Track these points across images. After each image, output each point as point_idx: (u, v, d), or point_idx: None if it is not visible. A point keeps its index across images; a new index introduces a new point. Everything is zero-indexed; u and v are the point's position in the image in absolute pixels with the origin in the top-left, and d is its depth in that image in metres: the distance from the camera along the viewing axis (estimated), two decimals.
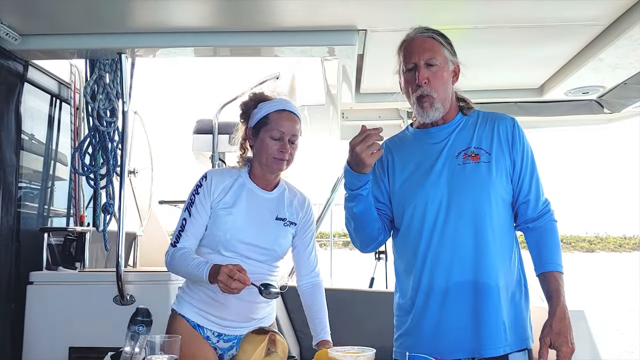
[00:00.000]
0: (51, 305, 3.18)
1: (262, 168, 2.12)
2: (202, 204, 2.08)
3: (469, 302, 1.78)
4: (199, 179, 2.12)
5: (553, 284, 1.78)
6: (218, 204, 2.07)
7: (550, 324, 1.72)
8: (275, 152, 2.06)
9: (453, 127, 1.91)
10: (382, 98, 3.79)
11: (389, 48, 2.01)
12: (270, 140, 2.06)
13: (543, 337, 1.72)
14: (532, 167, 1.88)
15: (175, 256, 2.03)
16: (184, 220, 2.09)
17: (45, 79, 3.78)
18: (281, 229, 2.13)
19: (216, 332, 2.10)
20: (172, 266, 2.06)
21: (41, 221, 3.81)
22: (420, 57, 1.84)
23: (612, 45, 2.82)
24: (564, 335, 1.70)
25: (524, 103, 3.92)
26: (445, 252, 1.80)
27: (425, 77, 1.83)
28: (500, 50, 3.16)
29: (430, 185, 1.84)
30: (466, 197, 1.81)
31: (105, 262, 4.03)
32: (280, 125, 2.07)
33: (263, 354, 1.41)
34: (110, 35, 2.96)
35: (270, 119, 2.09)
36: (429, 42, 1.86)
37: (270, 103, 2.13)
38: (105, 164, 3.34)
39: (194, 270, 1.94)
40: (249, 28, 2.86)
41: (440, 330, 1.79)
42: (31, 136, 3.71)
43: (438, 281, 1.80)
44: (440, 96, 1.85)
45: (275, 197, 2.17)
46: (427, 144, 1.92)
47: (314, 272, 2.22)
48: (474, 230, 1.80)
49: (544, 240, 1.86)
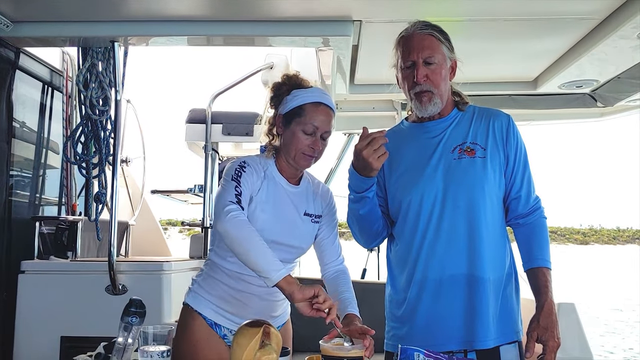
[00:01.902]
0: (43, 295, 3.17)
1: (288, 161, 1.97)
2: (247, 188, 1.87)
3: (462, 295, 1.80)
4: (237, 166, 1.90)
5: (541, 279, 1.81)
6: (254, 198, 1.90)
7: (538, 318, 1.76)
8: (305, 148, 1.91)
9: (449, 122, 1.92)
10: (377, 89, 3.79)
11: (384, 39, 2.00)
12: (302, 134, 1.91)
13: (530, 332, 1.76)
14: (524, 164, 1.90)
15: (245, 224, 1.77)
16: (237, 188, 1.83)
17: (37, 66, 3.74)
18: (309, 225, 2.00)
19: (233, 330, 1.93)
20: (235, 228, 1.75)
21: (33, 210, 3.79)
22: (419, 54, 1.83)
23: (607, 39, 2.82)
24: (551, 330, 1.74)
25: (518, 96, 3.93)
26: (440, 246, 1.82)
27: (423, 75, 1.83)
28: (494, 43, 3.16)
29: (426, 179, 1.85)
30: (461, 191, 1.82)
31: (97, 251, 4.02)
32: (315, 120, 1.90)
33: (257, 346, 1.41)
34: (103, 23, 2.93)
35: (305, 110, 1.92)
36: (428, 40, 1.85)
37: (306, 92, 1.95)
38: (97, 153, 3.32)
39: (264, 260, 1.70)
40: (243, 17, 2.84)
41: (433, 322, 1.81)
42: (22, 124, 3.68)
43: (432, 274, 1.82)
44: (439, 91, 1.86)
45: (302, 191, 2.04)
46: (423, 138, 1.92)
47: (339, 258, 2.06)
48: (468, 224, 1.81)
49: (534, 236, 1.88)
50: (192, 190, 4.26)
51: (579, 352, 3.09)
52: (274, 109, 2.03)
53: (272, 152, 2.03)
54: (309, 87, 1.99)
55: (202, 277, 2.04)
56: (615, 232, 76.48)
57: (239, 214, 1.77)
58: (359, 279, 4.70)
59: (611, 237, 74.93)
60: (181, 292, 2.11)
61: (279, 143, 2.01)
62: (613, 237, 75.13)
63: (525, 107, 3.98)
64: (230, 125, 4.02)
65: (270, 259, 1.71)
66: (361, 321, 1.81)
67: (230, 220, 1.75)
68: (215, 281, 1.98)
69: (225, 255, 1.96)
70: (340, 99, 4.05)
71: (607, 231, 76.02)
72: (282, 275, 1.67)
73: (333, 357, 1.58)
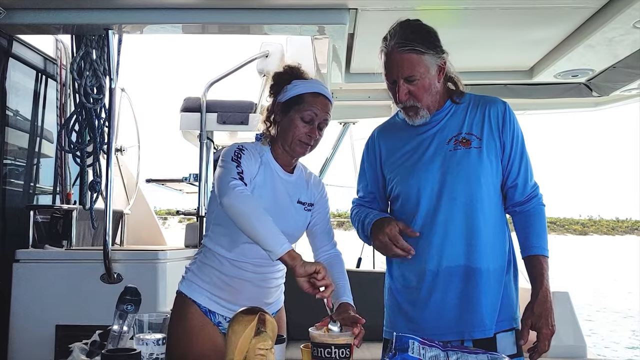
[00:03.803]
0: (38, 283, 3.16)
1: (284, 148, 1.99)
2: (248, 170, 1.88)
3: (459, 285, 1.81)
4: (236, 149, 1.91)
5: (537, 267, 1.81)
6: (251, 181, 1.90)
7: (532, 306, 1.77)
8: (302, 135, 1.94)
9: (444, 114, 1.91)
10: (372, 78, 3.74)
11: (380, 27, 1.99)
12: (299, 122, 1.94)
13: (525, 319, 1.77)
14: (521, 151, 1.89)
15: (250, 198, 1.78)
16: (238, 167, 1.84)
17: (30, 54, 3.72)
18: (301, 213, 2.04)
19: (227, 317, 1.97)
20: (240, 201, 1.75)
21: (27, 199, 3.78)
22: (399, 74, 1.82)
23: (602, 28, 2.82)
24: (545, 318, 1.75)
25: (513, 85, 3.93)
26: (437, 237, 1.82)
27: (405, 92, 1.83)
28: (490, 32, 3.15)
29: (422, 171, 1.85)
30: (457, 183, 1.82)
31: (92, 240, 4.02)
32: (314, 108, 1.94)
33: (252, 333, 1.41)
34: (97, 11, 2.91)
35: (305, 99, 1.95)
36: (407, 59, 1.81)
37: (306, 82, 1.99)
38: (91, 142, 3.31)
39: (269, 233, 1.70)
40: (238, 5, 2.83)
41: (430, 312, 1.82)
42: (16, 112, 3.66)
43: (429, 265, 1.82)
44: (425, 103, 1.85)
45: (296, 180, 2.07)
46: (418, 131, 1.92)
47: (331, 243, 2.09)
48: (465, 215, 1.81)
49: (531, 223, 1.87)
50: (187, 179, 4.26)
51: (572, 340, 3.12)
52: (273, 97, 2.04)
53: (268, 139, 2.04)
54: (310, 79, 2.03)
55: (195, 265, 2.04)
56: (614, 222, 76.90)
57: (244, 189, 1.79)
58: (355, 268, 4.72)
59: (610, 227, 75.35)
60: (176, 281, 2.11)
61: (276, 131, 2.02)
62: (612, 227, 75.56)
63: (521, 97, 3.98)
64: (225, 114, 4.01)
65: (275, 233, 1.71)
66: (355, 310, 1.82)
67: (236, 194, 1.76)
68: (209, 268, 1.99)
69: (218, 240, 1.97)
70: (335, 88, 4.04)
71: (606, 222, 76.43)
72: (286, 249, 1.68)
73: (321, 344, 1.59)
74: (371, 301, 2.24)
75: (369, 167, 2.04)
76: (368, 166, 2.04)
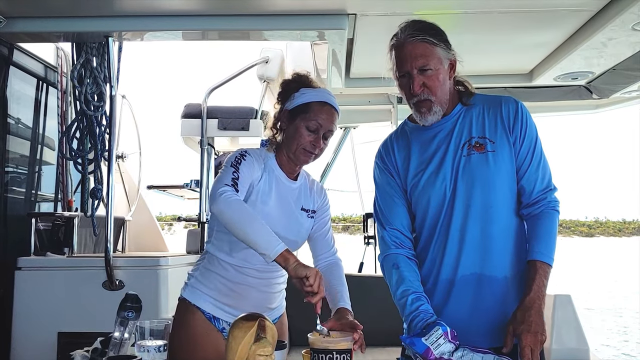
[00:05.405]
0: (40, 291, 3.16)
1: (289, 156, 2.00)
2: (246, 176, 1.88)
3: (474, 294, 1.77)
4: (238, 155, 1.92)
5: (531, 273, 1.74)
6: (254, 188, 1.92)
7: (516, 312, 1.70)
8: (307, 144, 1.94)
9: (454, 119, 1.86)
10: (372, 83, 3.78)
11: (379, 32, 2.00)
12: (305, 130, 1.94)
13: (507, 324, 1.70)
14: (532, 151, 1.82)
15: (240, 203, 1.77)
16: (234, 174, 1.85)
17: (31, 62, 3.73)
18: (305, 220, 2.05)
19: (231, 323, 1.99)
20: (229, 207, 1.76)
21: (28, 206, 3.78)
22: (413, 64, 1.77)
23: (601, 31, 2.82)
24: (527, 325, 1.66)
25: (513, 88, 3.93)
26: (453, 246, 1.78)
27: (420, 84, 1.77)
28: (490, 36, 3.16)
29: (436, 179, 1.81)
30: (473, 189, 1.77)
31: (94, 247, 4.02)
32: (319, 118, 1.94)
33: (252, 339, 1.41)
34: (97, 18, 2.91)
35: (311, 108, 1.95)
36: (420, 48, 1.77)
37: (314, 91, 2.00)
38: (93, 149, 3.31)
39: (261, 236, 1.71)
40: (238, 11, 2.83)
41: (444, 320, 1.72)
42: (17, 120, 3.67)
43: (444, 274, 1.79)
44: (438, 99, 1.80)
45: (299, 187, 2.07)
46: (429, 138, 1.86)
47: (331, 250, 2.09)
48: (481, 222, 1.77)
49: (534, 228, 1.81)
50: (189, 185, 4.26)
51: (575, 343, 3.11)
52: (281, 104, 2.05)
53: (273, 146, 2.05)
54: (318, 88, 2.03)
55: (199, 271, 2.04)
56: (621, 224, 76.54)
57: (232, 194, 1.78)
58: (357, 273, 4.72)
59: (617, 229, 74.97)
60: (178, 287, 2.11)
61: (281, 138, 2.03)
62: (619, 229, 75.19)
63: (521, 100, 3.96)
64: (226, 120, 4.01)
65: (268, 234, 1.72)
66: (353, 315, 1.82)
67: (224, 200, 1.76)
68: (213, 274, 1.99)
69: (222, 246, 1.97)
70: (336, 93, 3.99)
71: (613, 223, 76.05)
72: (280, 250, 1.68)
73: (321, 349, 1.59)
74: (373, 305, 2.24)
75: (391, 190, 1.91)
76: (391, 191, 1.91)
